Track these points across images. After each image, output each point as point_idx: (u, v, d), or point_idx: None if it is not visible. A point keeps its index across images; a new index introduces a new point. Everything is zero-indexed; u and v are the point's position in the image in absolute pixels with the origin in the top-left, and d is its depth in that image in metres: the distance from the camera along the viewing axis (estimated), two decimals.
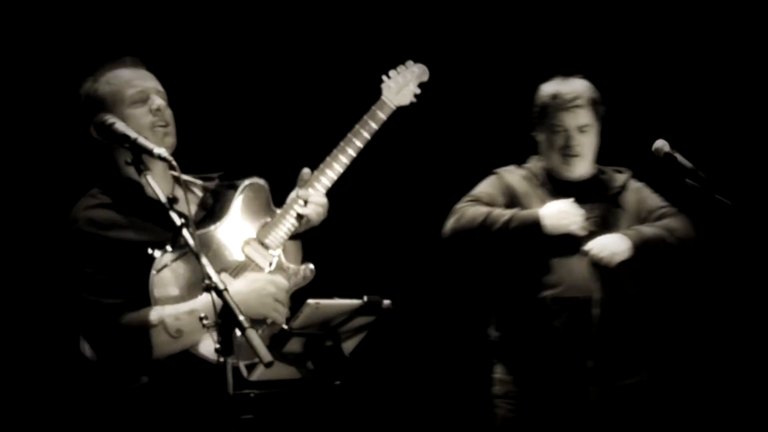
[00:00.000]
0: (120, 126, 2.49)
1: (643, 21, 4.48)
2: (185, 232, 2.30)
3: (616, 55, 4.45)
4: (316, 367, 2.62)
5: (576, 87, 3.45)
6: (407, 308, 3.07)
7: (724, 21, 4.39)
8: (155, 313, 2.49)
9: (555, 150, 3.44)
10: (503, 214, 3.34)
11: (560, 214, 3.31)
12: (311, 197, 2.76)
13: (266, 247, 2.72)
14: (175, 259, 2.51)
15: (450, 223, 3.42)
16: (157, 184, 2.37)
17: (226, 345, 2.20)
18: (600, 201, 3.45)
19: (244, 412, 2.49)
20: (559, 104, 3.41)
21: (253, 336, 2.15)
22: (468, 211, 3.39)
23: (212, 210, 2.76)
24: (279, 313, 2.61)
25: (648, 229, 3.39)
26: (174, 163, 2.42)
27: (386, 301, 2.65)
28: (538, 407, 3.30)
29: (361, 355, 2.76)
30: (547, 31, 4.51)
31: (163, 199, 2.34)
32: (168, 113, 2.67)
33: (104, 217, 2.56)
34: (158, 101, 2.65)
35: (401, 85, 2.96)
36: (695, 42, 4.43)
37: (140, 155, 2.43)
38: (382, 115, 2.89)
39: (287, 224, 2.74)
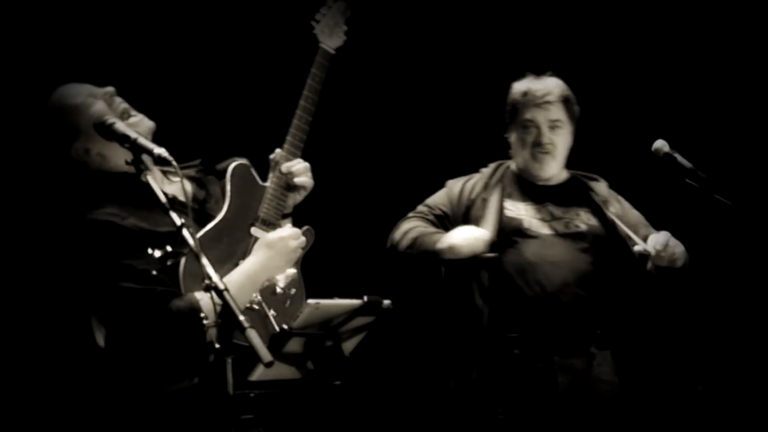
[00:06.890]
0: (120, 126, 2.50)
1: (642, 21, 4.48)
2: (185, 232, 2.30)
3: (615, 55, 4.46)
4: (316, 367, 2.63)
5: (548, 84, 3.41)
6: (407, 308, 3.07)
7: (724, 21, 4.39)
8: (197, 294, 2.49)
9: (526, 147, 3.39)
10: (431, 240, 3.30)
11: (463, 240, 3.24)
12: (294, 168, 2.88)
13: (270, 224, 2.83)
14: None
15: (390, 238, 3.43)
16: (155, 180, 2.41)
17: (226, 345, 2.20)
18: (577, 205, 3.39)
19: (244, 412, 2.49)
20: (530, 100, 3.37)
21: (253, 336, 2.15)
22: (403, 226, 3.41)
23: (209, 203, 2.83)
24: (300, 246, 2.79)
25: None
26: (174, 163, 2.43)
27: (386, 301, 2.65)
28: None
29: (361, 355, 2.76)
30: (547, 31, 4.51)
31: (163, 199, 2.36)
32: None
33: (114, 211, 2.58)
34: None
35: (332, 26, 3.00)
36: (695, 42, 4.43)
37: (140, 155, 2.44)
38: (326, 62, 2.96)
39: (281, 197, 2.88)
